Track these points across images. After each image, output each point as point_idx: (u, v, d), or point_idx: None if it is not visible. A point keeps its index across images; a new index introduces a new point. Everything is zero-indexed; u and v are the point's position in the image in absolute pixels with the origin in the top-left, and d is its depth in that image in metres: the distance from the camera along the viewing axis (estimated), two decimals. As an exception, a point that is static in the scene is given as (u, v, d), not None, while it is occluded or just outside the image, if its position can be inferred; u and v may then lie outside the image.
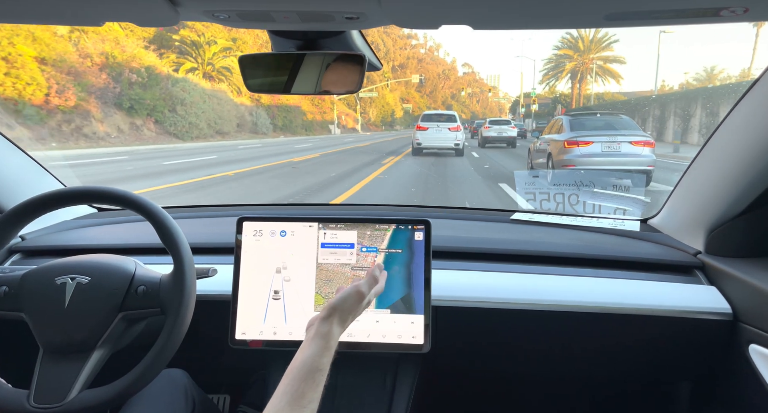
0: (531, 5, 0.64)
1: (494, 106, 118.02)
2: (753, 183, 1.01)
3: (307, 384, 0.67)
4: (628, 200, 1.64)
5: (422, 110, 75.20)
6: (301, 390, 0.67)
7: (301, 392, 0.66)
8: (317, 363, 0.70)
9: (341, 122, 44.86)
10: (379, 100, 59.36)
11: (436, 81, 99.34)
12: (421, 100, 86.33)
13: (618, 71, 49.70)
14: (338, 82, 0.94)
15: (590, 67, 49.56)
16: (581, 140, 7.23)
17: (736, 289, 1.06)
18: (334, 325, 0.77)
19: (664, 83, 63.72)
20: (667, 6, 0.62)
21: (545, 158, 8.14)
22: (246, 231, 1.07)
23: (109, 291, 0.88)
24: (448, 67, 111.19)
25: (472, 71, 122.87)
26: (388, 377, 1.14)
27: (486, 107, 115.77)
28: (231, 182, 9.29)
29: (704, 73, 49.46)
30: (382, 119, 61.73)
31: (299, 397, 0.66)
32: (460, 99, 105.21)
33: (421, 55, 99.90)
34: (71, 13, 0.74)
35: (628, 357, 1.17)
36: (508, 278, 1.19)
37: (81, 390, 0.82)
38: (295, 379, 0.68)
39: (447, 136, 13.90)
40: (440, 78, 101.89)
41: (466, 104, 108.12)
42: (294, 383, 0.67)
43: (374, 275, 0.87)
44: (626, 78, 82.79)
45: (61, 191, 0.93)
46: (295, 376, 0.68)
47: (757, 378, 0.96)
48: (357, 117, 50.41)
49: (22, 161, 1.41)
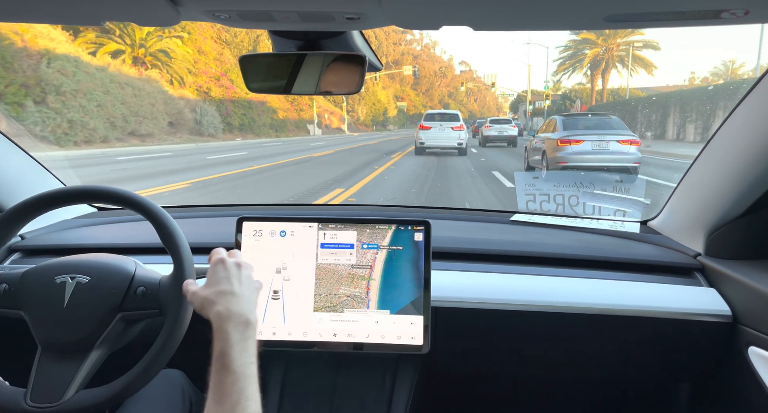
0: (531, 6, 0.64)
1: (492, 105, 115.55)
2: (753, 185, 1.01)
3: (219, 376, 0.68)
4: (627, 202, 1.64)
5: (418, 109, 70.84)
6: (217, 383, 0.67)
7: (218, 384, 0.67)
8: (216, 349, 0.71)
9: (324, 121, 40.11)
10: (369, 97, 53.35)
11: (432, 79, 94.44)
12: (417, 99, 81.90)
13: (650, 60, 39.39)
14: (339, 83, 0.94)
15: (617, 54, 39.81)
16: (573, 139, 7.81)
17: (736, 291, 1.06)
18: (216, 306, 0.74)
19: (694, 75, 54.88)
20: (667, 8, 0.62)
21: (540, 156, 8.69)
22: (246, 231, 1.07)
23: (108, 291, 0.88)
24: (444, 65, 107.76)
25: (470, 69, 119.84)
26: (387, 377, 1.14)
27: (484, 106, 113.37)
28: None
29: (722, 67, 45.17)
30: (373, 118, 55.52)
31: (218, 390, 0.67)
32: (457, 97, 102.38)
33: (417, 52, 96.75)
34: (71, 12, 0.74)
35: (627, 359, 1.17)
36: (508, 279, 1.19)
37: (78, 390, 0.82)
38: (211, 377, 0.69)
39: (450, 135, 13.99)
40: (437, 76, 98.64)
41: (464, 103, 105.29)
42: (212, 381, 0.68)
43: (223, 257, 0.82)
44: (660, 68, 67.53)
45: (61, 190, 0.93)
46: (210, 373, 0.69)
47: (756, 380, 0.96)
48: (343, 116, 44.98)
49: (22, 160, 1.41)
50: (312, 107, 36.27)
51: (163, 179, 9.49)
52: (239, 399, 0.66)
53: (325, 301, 1.04)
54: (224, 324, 0.72)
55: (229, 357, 0.69)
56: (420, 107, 76.55)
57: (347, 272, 1.05)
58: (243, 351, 0.71)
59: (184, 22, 0.71)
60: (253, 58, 0.96)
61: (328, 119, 41.63)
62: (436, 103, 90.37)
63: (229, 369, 0.68)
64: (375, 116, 54.96)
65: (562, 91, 45.27)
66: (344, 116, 45.08)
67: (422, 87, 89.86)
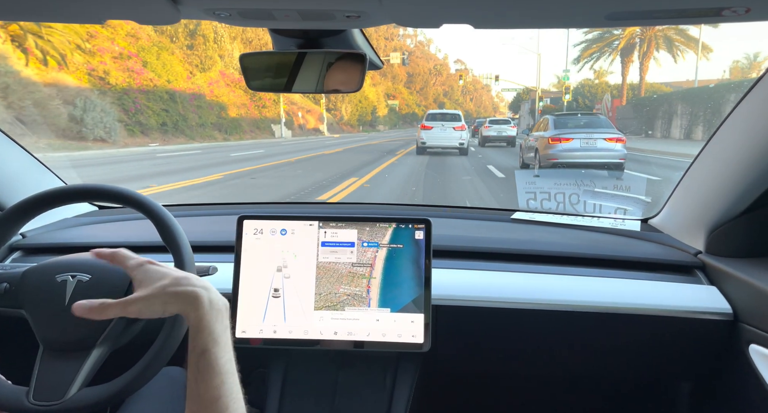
0: (532, 4, 0.64)
1: (489, 104, 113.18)
2: (754, 183, 1.01)
3: (203, 377, 0.62)
4: (628, 200, 1.64)
5: (411, 108, 67.99)
6: (201, 385, 0.62)
7: (203, 387, 0.61)
8: (197, 347, 0.64)
9: (297, 120, 33.10)
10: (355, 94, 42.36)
11: (426, 77, 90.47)
12: (410, 97, 76.91)
13: (706, 42, 32.28)
14: (339, 81, 0.94)
15: (660, 34, 29.44)
16: (563, 137, 8.42)
17: (737, 289, 1.06)
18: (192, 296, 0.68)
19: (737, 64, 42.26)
20: (669, 6, 0.62)
21: (534, 153, 9.20)
22: (246, 229, 1.07)
23: (109, 289, 0.88)
24: (439, 63, 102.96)
25: (465, 68, 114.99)
26: (388, 376, 1.14)
27: (480, 105, 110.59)
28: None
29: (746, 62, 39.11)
30: (360, 118, 47.45)
31: (203, 394, 0.61)
32: (453, 96, 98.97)
33: (410, 49, 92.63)
34: (72, 10, 0.74)
35: (628, 357, 1.17)
36: (509, 277, 1.19)
37: (80, 388, 0.82)
38: (191, 380, 0.63)
39: (451, 135, 14.20)
40: (431, 74, 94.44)
41: (460, 102, 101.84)
42: (194, 384, 0.63)
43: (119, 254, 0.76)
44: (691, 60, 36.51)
45: (62, 189, 0.93)
46: (189, 375, 0.63)
47: (757, 378, 0.96)
48: (322, 114, 37.73)
49: (23, 159, 1.41)
50: (278, 103, 29.50)
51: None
52: (228, 402, 0.61)
53: (326, 301, 1.05)
54: (205, 315, 0.65)
55: (214, 355, 0.63)
56: (413, 106, 72.94)
57: (347, 271, 1.05)
58: (225, 345, 0.65)
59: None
60: (253, 56, 0.96)
61: (303, 117, 34.75)
62: (431, 102, 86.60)
63: (215, 369, 0.62)
64: (362, 115, 47.83)
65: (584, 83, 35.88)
66: (324, 115, 37.92)
67: (416, 85, 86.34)
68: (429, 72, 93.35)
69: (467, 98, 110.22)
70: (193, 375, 0.63)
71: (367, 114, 49.31)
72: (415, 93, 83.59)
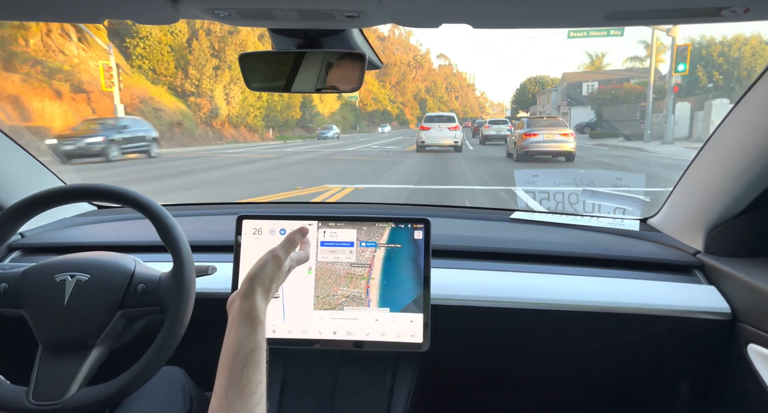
0: (532, 4, 0.64)
1: (474, 103, 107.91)
2: (753, 183, 1.01)
3: (249, 370, 0.64)
4: (627, 200, 1.64)
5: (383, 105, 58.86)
6: (245, 377, 0.63)
7: (247, 379, 0.63)
8: (252, 344, 0.66)
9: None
10: None
11: (405, 69, 77.80)
12: (381, 92, 60.63)
13: None
14: (339, 81, 0.94)
15: None
16: (532, 133, 11.87)
17: (735, 289, 1.06)
18: (258, 298, 0.71)
19: None
20: (668, 5, 0.62)
21: (513, 145, 12.67)
22: (245, 229, 1.07)
23: (108, 289, 0.88)
24: (420, 55, 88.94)
25: (449, 63, 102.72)
26: (387, 375, 1.14)
27: (466, 105, 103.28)
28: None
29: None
30: (267, 117, 28.37)
31: (245, 385, 0.63)
32: (436, 94, 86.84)
33: (383, 35, 78.02)
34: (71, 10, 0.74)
35: (626, 357, 1.17)
36: (508, 277, 1.19)
37: (80, 388, 0.82)
38: (234, 368, 0.64)
39: (447, 134, 15.88)
40: (411, 67, 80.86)
41: (444, 100, 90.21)
42: (235, 372, 0.64)
43: (291, 238, 0.81)
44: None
45: (61, 189, 0.93)
46: (235, 365, 0.64)
47: (756, 378, 0.96)
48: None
49: (22, 159, 1.41)
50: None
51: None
52: (262, 397, 0.64)
53: (324, 303, 1.05)
54: (260, 314, 0.70)
55: (261, 353, 0.66)
56: (386, 103, 60.67)
57: (346, 272, 1.05)
58: (263, 342, 0.68)
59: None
60: (252, 56, 0.96)
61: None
62: (410, 98, 74.88)
63: (260, 366, 0.65)
64: (274, 112, 28.88)
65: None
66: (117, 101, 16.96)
67: (390, 77, 72.42)
68: (408, 64, 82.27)
69: (452, 96, 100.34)
70: (235, 365, 0.64)
71: (292, 110, 30.98)
72: (389, 86, 71.17)
